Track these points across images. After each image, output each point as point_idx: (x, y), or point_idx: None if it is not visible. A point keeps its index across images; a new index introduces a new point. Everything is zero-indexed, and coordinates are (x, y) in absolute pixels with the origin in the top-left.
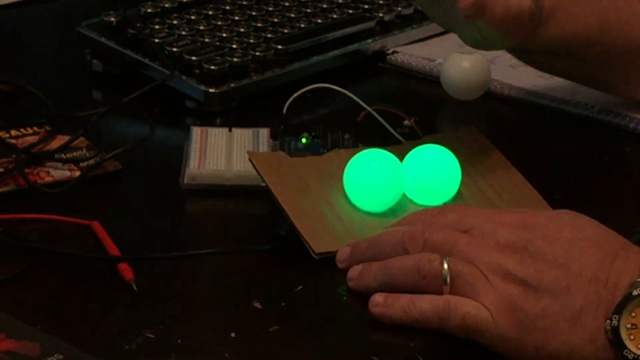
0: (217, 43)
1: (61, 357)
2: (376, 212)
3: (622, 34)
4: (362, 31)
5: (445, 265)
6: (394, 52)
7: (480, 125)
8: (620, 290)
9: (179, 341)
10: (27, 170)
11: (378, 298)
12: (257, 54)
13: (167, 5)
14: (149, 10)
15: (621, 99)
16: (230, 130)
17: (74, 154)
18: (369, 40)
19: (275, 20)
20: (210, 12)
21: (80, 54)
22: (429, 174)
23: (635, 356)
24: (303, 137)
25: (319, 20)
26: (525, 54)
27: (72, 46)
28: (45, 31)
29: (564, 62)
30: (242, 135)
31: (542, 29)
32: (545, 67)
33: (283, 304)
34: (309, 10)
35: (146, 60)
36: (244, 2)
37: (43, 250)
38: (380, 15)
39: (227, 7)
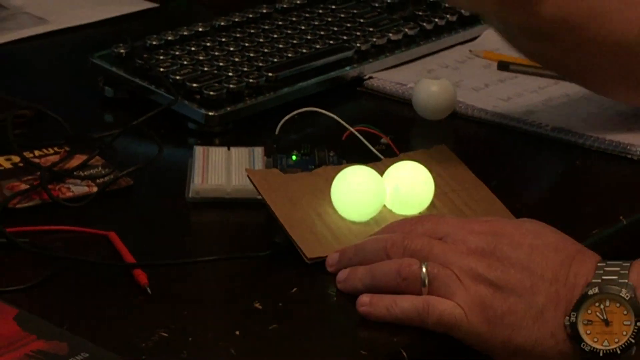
0: (215, 71)
1: (87, 355)
2: (360, 221)
3: (604, 26)
4: (342, 59)
5: (424, 269)
6: (370, 78)
7: (447, 143)
8: (577, 289)
9: (190, 339)
10: (50, 187)
11: (364, 298)
12: (251, 80)
13: (170, 38)
14: (154, 43)
15: (573, 118)
16: (228, 149)
17: (91, 171)
18: (348, 68)
19: (266, 50)
20: (208, 44)
21: (93, 82)
22: (406, 187)
23: (591, 348)
24: (293, 154)
25: (304, 50)
26: (512, 36)
27: (86, 75)
28: (62, 62)
29: (547, 48)
30: (239, 153)
31: (539, 7)
32: (526, 50)
33: (280, 304)
34: (295, 42)
35: (152, 87)
36: (238, 35)
37: (66, 258)
38: (358, 45)
39: (223, 39)
